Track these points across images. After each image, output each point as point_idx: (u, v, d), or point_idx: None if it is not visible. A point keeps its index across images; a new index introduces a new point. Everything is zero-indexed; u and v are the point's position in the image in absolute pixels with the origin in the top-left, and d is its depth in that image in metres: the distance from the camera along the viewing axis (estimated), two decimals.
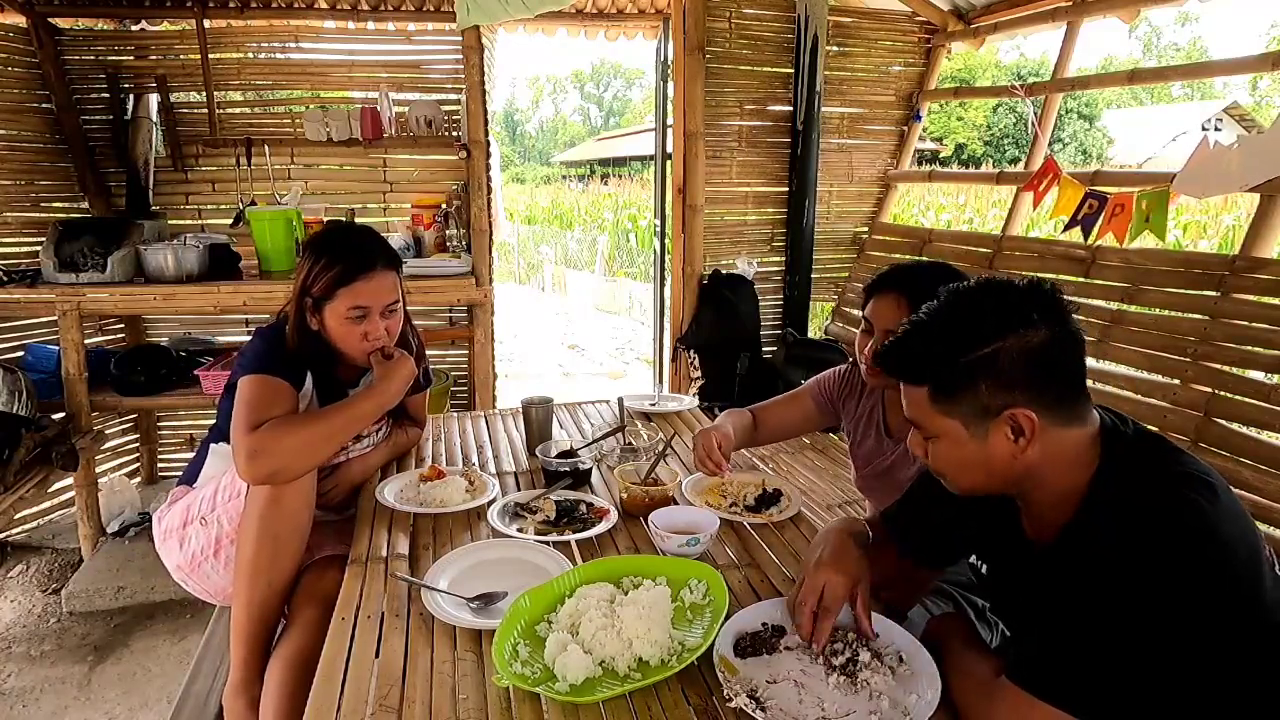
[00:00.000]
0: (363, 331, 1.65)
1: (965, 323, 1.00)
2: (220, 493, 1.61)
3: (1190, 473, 0.94)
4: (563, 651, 1.07)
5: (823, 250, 3.93)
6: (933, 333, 1.02)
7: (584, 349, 7.82)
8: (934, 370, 1.01)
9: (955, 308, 1.02)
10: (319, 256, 1.64)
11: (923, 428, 1.05)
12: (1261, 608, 0.93)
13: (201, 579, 1.67)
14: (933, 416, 1.03)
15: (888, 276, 1.64)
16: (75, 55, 3.29)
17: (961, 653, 1.09)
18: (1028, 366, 0.96)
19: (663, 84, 3.83)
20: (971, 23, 3.62)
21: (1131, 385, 2.48)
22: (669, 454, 1.89)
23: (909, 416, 1.07)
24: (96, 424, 3.05)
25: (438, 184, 3.57)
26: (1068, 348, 0.98)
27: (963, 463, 1.04)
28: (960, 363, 0.98)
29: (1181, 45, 35.36)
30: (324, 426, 1.55)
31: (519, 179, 31.02)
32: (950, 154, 20.99)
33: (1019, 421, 0.97)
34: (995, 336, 0.96)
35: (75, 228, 2.97)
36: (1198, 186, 2.43)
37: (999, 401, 0.97)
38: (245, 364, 1.59)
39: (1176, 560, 0.88)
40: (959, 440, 1.01)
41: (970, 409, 0.99)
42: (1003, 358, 0.96)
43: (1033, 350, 0.96)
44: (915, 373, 1.03)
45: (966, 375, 0.98)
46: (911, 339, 1.04)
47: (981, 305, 1.00)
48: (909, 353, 1.04)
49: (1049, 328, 0.96)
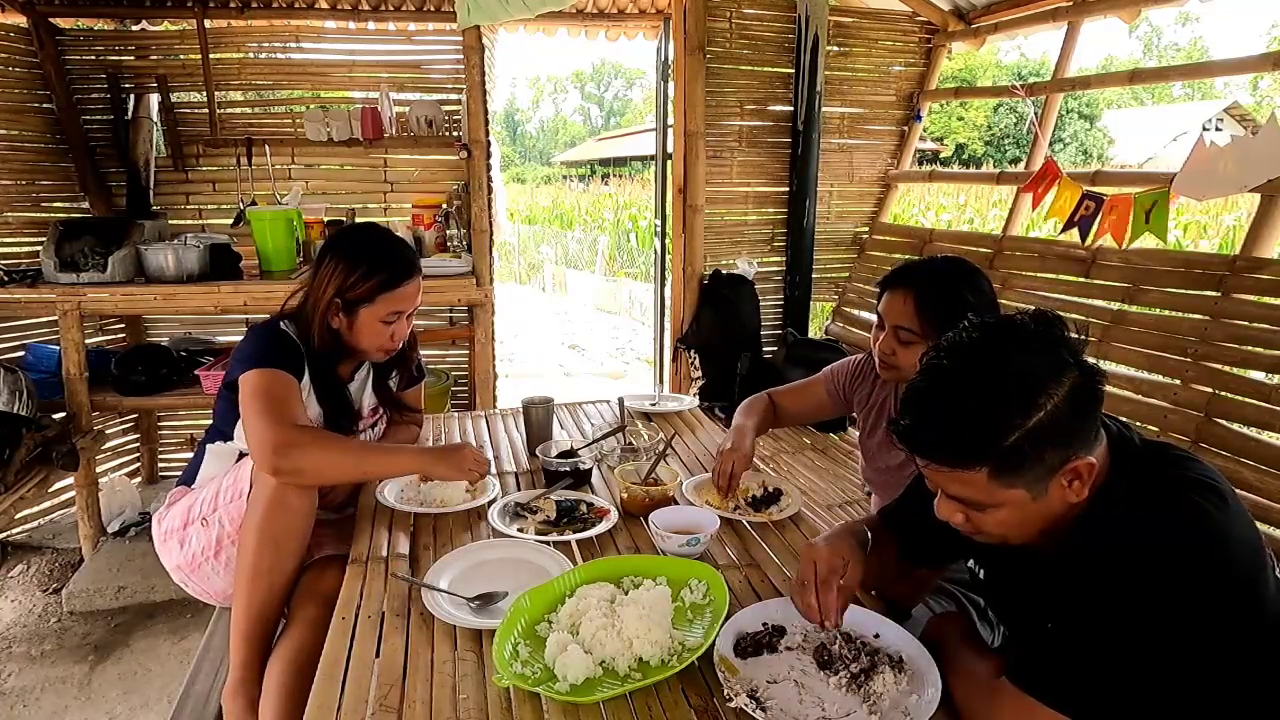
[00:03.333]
0: (390, 333, 1.71)
1: (1009, 390, 0.92)
2: (222, 494, 1.61)
3: (1197, 478, 0.94)
4: (563, 651, 1.07)
5: (823, 250, 3.93)
6: (978, 411, 0.92)
7: (584, 349, 7.83)
8: (993, 451, 0.92)
9: (989, 375, 0.93)
10: (358, 262, 1.66)
11: (977, 503, 0.97)
12: (1263, 612, 0.93)
13: (202, 580, 1.67)
14: (992, 492, 0.95)
15: (899, 272, 1.65)
16: (76, 55, 3.29)
17: (962, 652, 1.09)
18: (1074, 414, 0.92)
19: (663, 84, 3.83)
20: (972, 23, 3.62)
21: (1131, 385, 2.48)
22: (669, 454, 1.89)
23: (958, 494, 0.98)
24: (97, 424, 3.05)
25: (438, 184, 3.57)
26: (1096, 379, 0.94)
27: (1023, 523, 0.98)
28: (1020, 435, 0.91)
29: (1182, 45, 35.36)
30: (360, 458, 1.59)
31: (519, 179, 31.02)
32: (950, 154, 20.99)
33: (1079, 471, 0.94)
34: (1042, 394, 0.91)
35: (76, 228, 2.97)
36: (1197, 188, 2.43)
37: (1059, 459, 0.93)
38: (248, 359, 1.59)
39: (1183, 565, 0.88)
40: (1020, 506, 0.95)
41: (1035, 474, 0.93)
42: (1057, 415, 0.91)
43: (1074, 396, 0.92)
44: (969, 457, 0.93)
45: (1030, 444, 0.91)
46: (954, 422, 0.94)
47: (1015, 363, 0.93)
48: (956, 438, 0.94)
49: (1075, 364, 0.93)
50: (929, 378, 0.98)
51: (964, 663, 1.07)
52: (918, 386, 0.99)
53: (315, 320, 1.67)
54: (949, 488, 0.99)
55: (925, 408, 0.97)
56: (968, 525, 1.01)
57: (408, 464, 1.66)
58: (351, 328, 1.69)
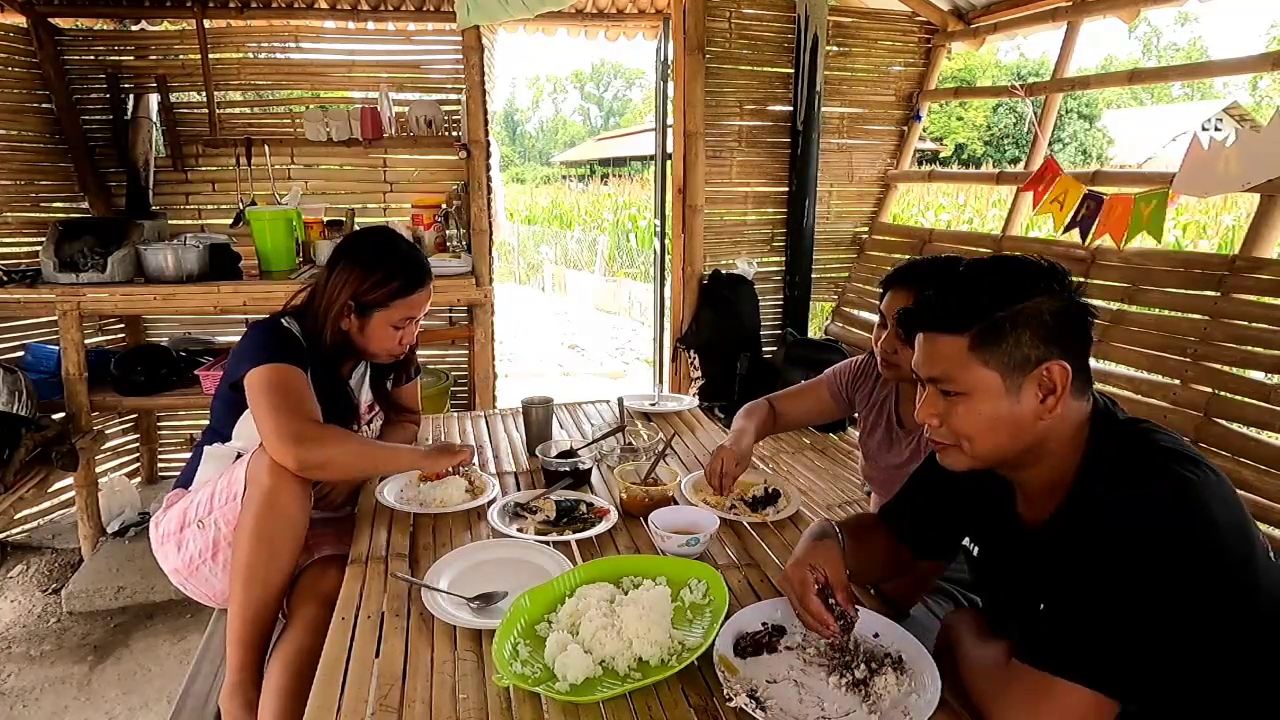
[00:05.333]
0: (400, 337, 1.75)
1: (1007, 276, 1.03)
2: (217, 495, 1.60)
3: (1174, 448, 0.97)
4: (563, 651, 1.07)
5: (823, 250, 3.94)
6: (977, 283, 1.04)
7: (584, 349, 7.82)
8: (981, 315, 1.01)
9: (992, 266, 1.07)
10: (375, 267, 1.70)
11: (954, 381, 1.03)
12: (1253, 574, 0.94)
13: (200, 582, 1.67)
14: (969, 367, 1.02)
15: (901, 271, 1.67)
16: (75, 55, 3.29)
17: (974, 645, 1.10)
18: (1062, 323, 1.00)
19: (663, 84, 3.83)
20: (971, 23, 3.62)
21: (1131, 385, 2.48)
22: (669, 454, 1.90)
23: (934, 373, 1.05)
24: (96, 424, 3.05)
25: (438, 184, 3.57)
26: (1086, 315, 1.03)
27: (992, 421, 1.02)
28: (1007, 311, 1.00)
29: (1181, 45, 35.34)
30: (373, 453, 1.68)
31: (519, 179, 30.99)
32: (950, 154, 20.97)
33: (1054, 375, 0.99)
34: (1035, 292, 1.01)
35: (75, 228, 2.97)
36: (1198, 186, 2.43)
37: (1039, 352, 1.00)
38: (253, 355, 1.59)
39: (1167, 528, 0.90)
40: (992, 394, 1.01)
41: (1012, 358, 1.00)
42: (1044, 310, 1.00)
43: (1065, 309, 1.01)
44: (959, 319, 1.02)
45: (1012, 323, 1.00)
46: (955, 289, 1.05)
47: (1021, 265, 1.05)
48: (954, 300, 1.04)
49: (1071, 296, 1.02)
50: (941, 264, 1.13)
51: (976, 655, 1.07)
52: (930, 270, 1.36)
53: (327, 321, 1.70)
54: (932, 368, 1.06)
55: (929, 283, 1.10)
56: (942, 430, 1.07)
57: (410, 460, 1.71)
58: (363, 330, 1.72)
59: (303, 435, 1.47)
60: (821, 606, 1.11)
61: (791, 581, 1.16)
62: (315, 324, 1.71)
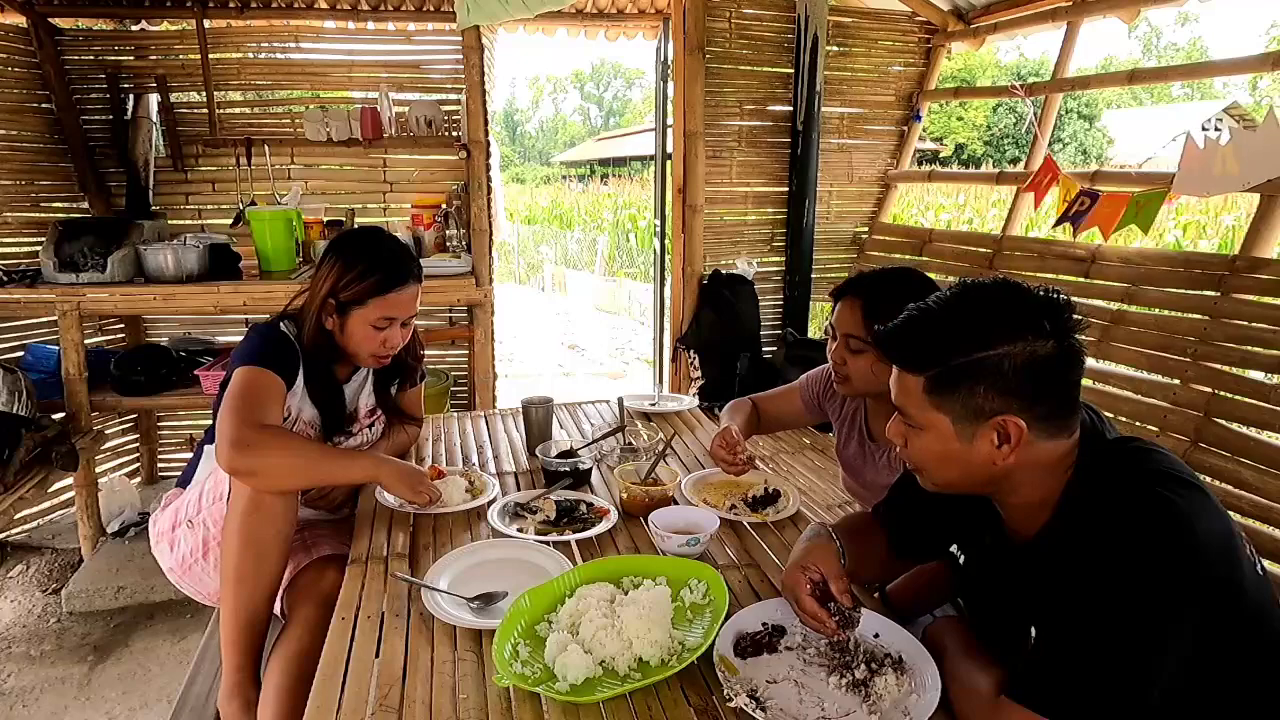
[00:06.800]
0: (383, 339, 1.66)
1: (976, 320, 0.98)
2: (205, 495, 1.60)
3: (1162, 470, 0.95)
4: (563, 651, 1.07)
5: (823, 250, 3.93)
6: (941, 324, 1.00)
7: (584, 349, 7.82)
8: (936, 362, 0.98)
9: (968, 302, 1.00)
10: (354, 262, 1.63)
11: (909, 415, 1.04)
12: (1242, 597, 0.93)
13: (194, 581, 1.67)
14: (923, 407, 1.01)
15: (848, 282, 1.66)
16: (75, 55, 3.29)
17: (962, 663, 1.08)
18: (1028, 377, 0.95)
19: (663, 84, 3.83)
20: (971, 23, 3.62)
21: (1131, 385, 2.48)
22: (669, 454, 1.90)
23: (896, 402, 1.05)
24: (96, 424, 3.05)
25: (438, 184, 3.57)
26: (1070, 364, 0.97)
27: (942, 458, 1.03)
28: (964, 360, 0.96)
29: (1181, 45, 35.33)
30: (316, 462, 1.52)
31: (519, 179, 30.98)
32: (950, 154, 20.96)
33: (1007, 429, 0.96)
34: (1003, 340, 0.95)
35: (75, 228, 2.97)
36: (1197, 187, 2.43)
37: (993, 406, 0.96)
38: (240, 358, 1.58)
39: (1152, 555, 0.88)
40: (944, 436, 1.00)
41: (964, 408, 0.98)
42: (1006, 364, 0.95)
43: (1036, 362, 0.95)
44: (915, 361, 1.01)
45: (968, 374, 0.96)
46: (918, 326, 1.02)
47: (995, 305, 0.98)
48: (913, 339, 1.02)
49: (1056, 341, 0.95)
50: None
51: (964, 674, 1.06)
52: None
53: (309, 318, 1.66)
54: (895, 395, 1.05)
55: (906, 309, 1.05)
56: (905, 450, 1.08)
57: (364, 471, 1.58)
58: (344, 330, 1.66)
59: (240, 440, 1.41)
60: (816, 605, 1.11)
61: (787, 585, 1.16)
62: (302, 324, 1.68)
